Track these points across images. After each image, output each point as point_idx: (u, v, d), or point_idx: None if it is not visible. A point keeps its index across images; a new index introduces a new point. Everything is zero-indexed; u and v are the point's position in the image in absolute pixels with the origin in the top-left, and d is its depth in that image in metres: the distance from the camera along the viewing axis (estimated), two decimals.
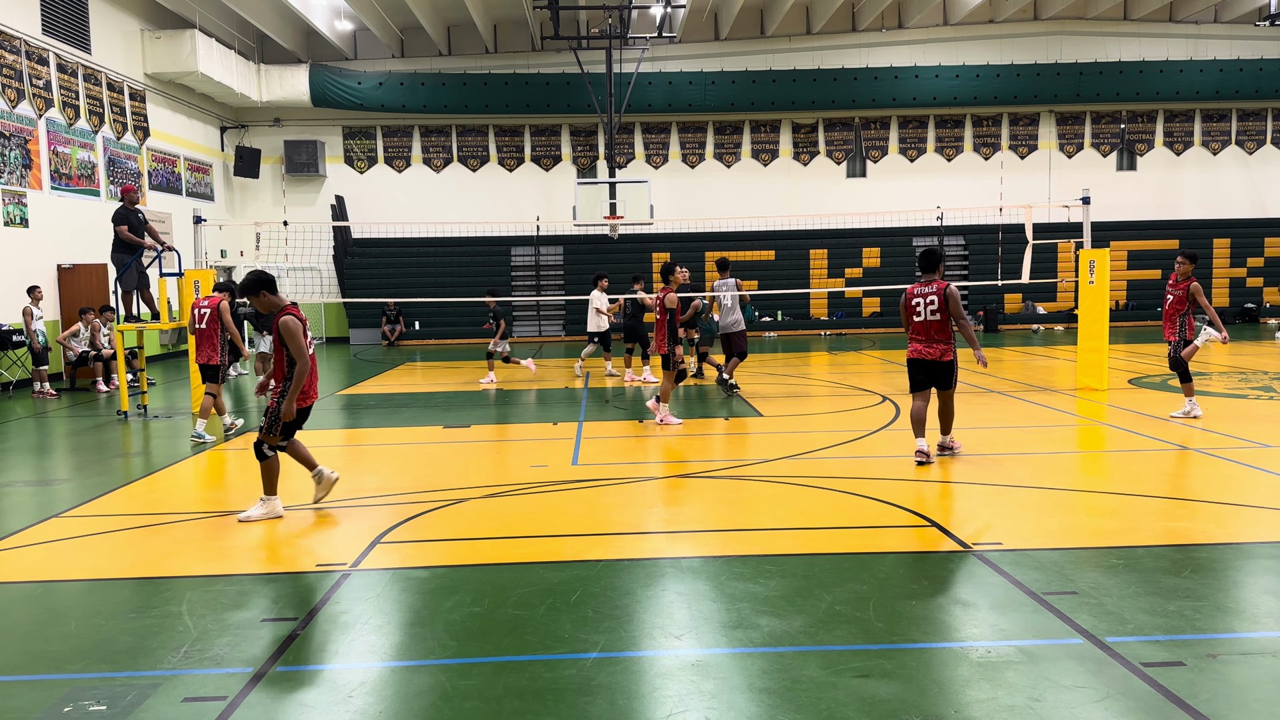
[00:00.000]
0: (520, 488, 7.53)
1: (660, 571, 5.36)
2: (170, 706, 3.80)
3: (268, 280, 6.83)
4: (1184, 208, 28.06)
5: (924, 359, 8.21)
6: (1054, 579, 5.05)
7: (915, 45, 26.91)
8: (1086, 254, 12.93)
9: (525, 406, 12.75)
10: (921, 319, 8.19)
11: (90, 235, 17.51)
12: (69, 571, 5.65)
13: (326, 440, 10.43)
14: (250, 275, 6.86)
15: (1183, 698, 3.67)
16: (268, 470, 6.71)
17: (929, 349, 8.18)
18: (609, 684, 3.91)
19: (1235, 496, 6.81)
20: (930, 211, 24.30)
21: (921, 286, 8.24)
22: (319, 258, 25.55)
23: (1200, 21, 27.37)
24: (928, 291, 8.18)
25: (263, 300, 6.81)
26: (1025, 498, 6.90)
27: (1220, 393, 12.18)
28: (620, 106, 25.16)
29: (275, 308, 6.81)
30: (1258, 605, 4.70)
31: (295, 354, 6.58)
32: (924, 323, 8.19)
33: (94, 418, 12.29)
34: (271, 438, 6.70)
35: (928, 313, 8.16)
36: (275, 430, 6.69)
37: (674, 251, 26.61)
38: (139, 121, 20.51)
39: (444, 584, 5.22)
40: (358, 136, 26.85)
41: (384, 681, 4.02)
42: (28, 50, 16.51)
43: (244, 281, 6.89)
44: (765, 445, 9.30)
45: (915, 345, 8.25)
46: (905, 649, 4.22)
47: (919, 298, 8.21)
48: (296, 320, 6.65)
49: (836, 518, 6.53)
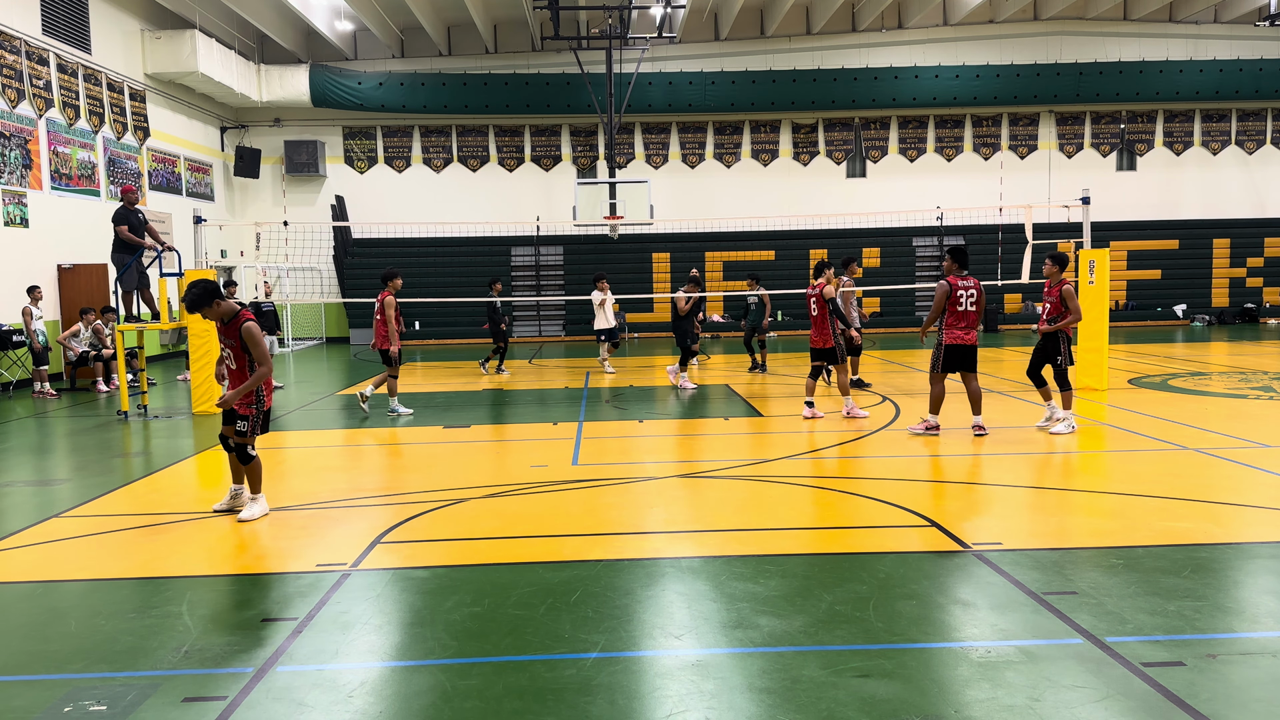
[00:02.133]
0: (520, 488, 7.53)
1: (660, 571, 5.36)
2: (170, 706, 3.80)
3: (213, 289, 6.66)
4: (1184, 208, 28.07)
5: (964, 344, 9.31)
6: (1054, 579, 5.05)
7: (915, 45, 26.91)
8: (1086, 254, 12.93)
9: (525, 406, 12.75)
10: (963, 309, 9.27)
11: (90, 235, 17.51)
12: (69, 571, 5.65)
13: (327, 440, 10.43)
14: (195, 288, 6.60)
15: (1183, 698, 3.67)
16: (255, 471, 6.77)
17: (967, 335, 9.32)
18: (609, 684, 3.91)
19: (1235, 496, 6.81)
20: (930, 211, 24.32)
21: (964, 280, 9.27)
22: (319, 258, 25.55)
23: (1200, 21, 27.37)
24: (969, 285, 9.26)
25: (216, 309, 6.65)
26: (1025, 498, 6.90)
27: (1220, 393, 12.18)
28: (620, 106, 25.16)
29: (230, 314, 6.68)
30: (1258, 605, 4.70)
31: (260, 359, 6.64)
32: (964, 312, 9.29)
33: (94, 418, 12.29)
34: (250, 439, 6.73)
35: (969, 304, 9.27)
36: (256, 433, 6.77)
37: (674, 252, 26.65)
38: (139, 121, 20.51)
39: (444, 584, 5.22)
40: (358, 136, 26.85)
41: (384, 681, 4.02)
42: (28, 50, 16.52)
43: (190, 296, 6.58)
44: (765, 445, 9.30)
45: (956, 333, 9.31)
46: (905, 649, 4.22)
47: (963, 290, 9.23)
48: (256, 324, 6.71)
49: (836, 518, 6.53)
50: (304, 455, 9.58)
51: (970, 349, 9.29)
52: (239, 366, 6.73)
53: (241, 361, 6.69)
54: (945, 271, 9.40)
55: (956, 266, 9.31)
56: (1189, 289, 27.48)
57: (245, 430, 6.71)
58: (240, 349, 6.65)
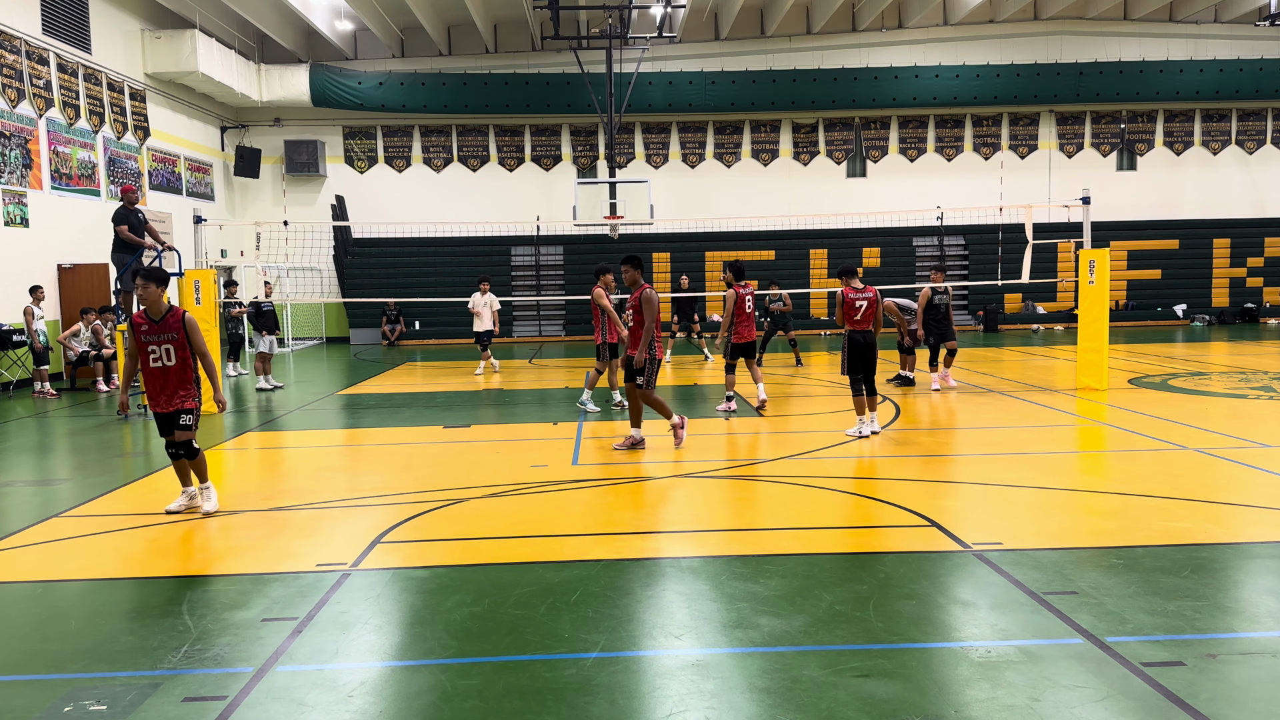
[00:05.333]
0: (520, 488, 7.53)
1: (660, 571, 5.36)
2: (170, 706, 3.80)
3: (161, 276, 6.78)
4: (1184, 208, 28.06)
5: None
6: (1054, 579, 5.05)
7: (915, 45, 26.90)
8: (1086, 254, 12.93)
9: (525, 406, 12.75)
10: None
11: (90, 235, 17.51)
12: (69, 571, 5.65)
13: (327, 440, 10.44)
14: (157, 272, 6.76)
15: (1183, 698, 3.68)
16: (202, 461, 6.94)
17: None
18: (609, 684, 3.91)
19: (1235, 496, 6.81)
20: (930, 211, 24.31)
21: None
22: (319, 258, 25.53)
23: (1200, 21, 27.37)
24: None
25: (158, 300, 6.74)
26: (1025, 498, 6.90)
27: (1220, 393, 12.18)
28: (620, 106, 25.16)
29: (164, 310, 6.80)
30: (1258, 605, 4.70)
31: (202, 350, 6.88)
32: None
33: (94, 417, 12.29)
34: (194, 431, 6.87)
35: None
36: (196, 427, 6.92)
37: (674, 251, 26.65)
38: (139, 121, 20.51)
39: (444, 584, 5.22)
40: (358, 136, 26.85)
41: (384, 681, 4.02)
42: (28, 50, 16.52)
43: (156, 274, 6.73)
44: (765, 445, 9.30)
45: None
46: (905, 649, 4.22)
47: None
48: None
49: (836, 518, 6.53)
50: (304, 455, 9.59)
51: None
52: (179, 361, 6.76)
53: (184, 354, 6.76)
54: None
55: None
56: (1189, 289, 27.48)
57: (192, 424, 6.83)
58: (183, 341, 6.74)
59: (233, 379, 16.63)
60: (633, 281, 9.21)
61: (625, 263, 9.32)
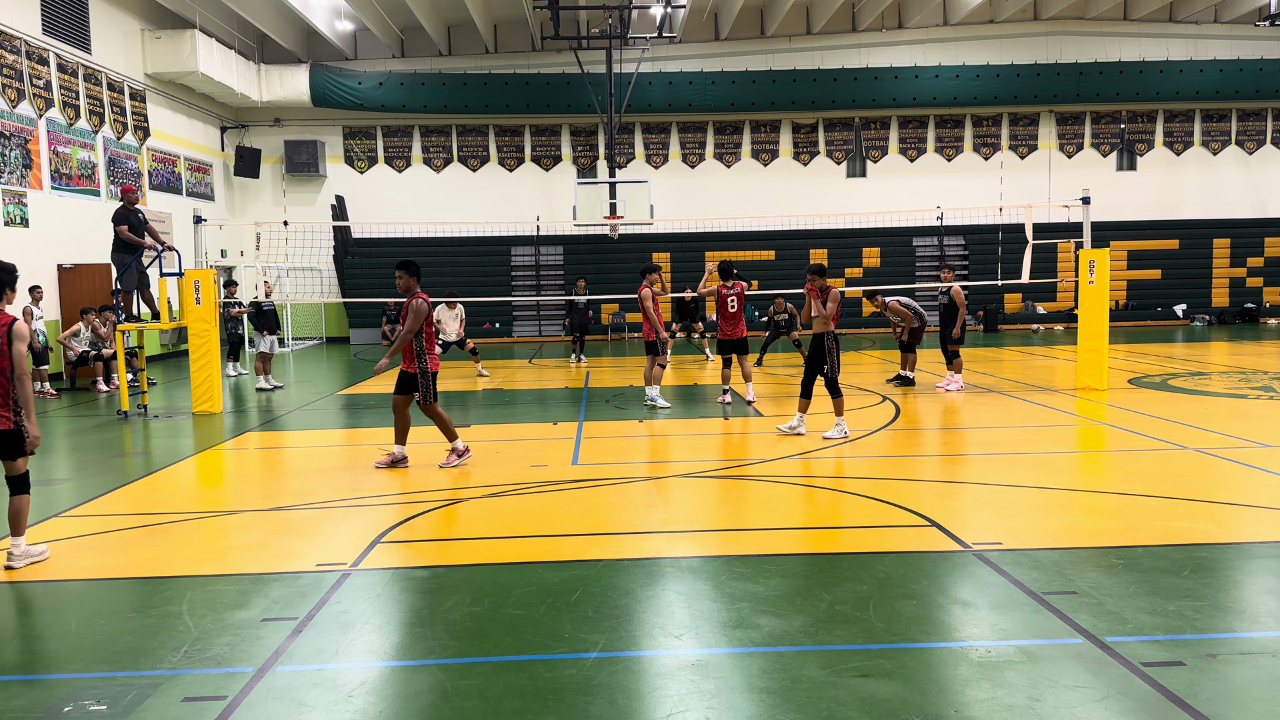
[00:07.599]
0: (520, 488, 7.53)
1: (660, 571, 5.36)
2: (170, 706, 3.80)
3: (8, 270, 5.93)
4: (1184, 208, 28.06)
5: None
6: (1054, 579, 5.05)
7: (915, 45, 26.90)
8: (1086, 254, 12.92)
9: (525, 406, 12.75)
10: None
11: (90, 235, 17.50)
12: (69, 571, 5.65)
13: (327, 440, 10.44)
14: (4, 269, 5.89)
15: (1183, 698, 3.67)
16: (27, 503, 5.93)
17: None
18: (609, 684, 3.91)
19: (1235, 496, 6.81)
20: (930, 211, 24.31)
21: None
22: (319, 258, 25.53)
23: (1200, 21, 27.37)
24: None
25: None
26: (1025, 497, 6.90)
27: (1220, 392, 12.18)
28: (620, 106, 25.15)
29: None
30: (1258, 605, 4.70)
31: (23, 371, 5.66)
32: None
33: (94, 417, 12.29)
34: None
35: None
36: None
37: (674, 251, 26.65)
38: (139, 121, 20.51)
39: (444, 584, 5.22)
40: (358, 136, 26.84)
41: (384, 681, 4.02)
42: (28, 50, 16.51)
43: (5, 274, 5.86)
44: (765, 445, 9.30)
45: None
46: (905, 649, 4.22)
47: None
48: None
49: (836, 518, 6.53)
50: (304, 455, 9.59)
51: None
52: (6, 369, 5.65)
53: (4, 363, 5.63)
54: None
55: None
56: (1189, 289, 27.48)
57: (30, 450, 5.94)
58: (5, 346, 5.61)
59: (233, 379, 16.63)
60: (406, 289, 8.40)
61: (399, 268, 8.39)
